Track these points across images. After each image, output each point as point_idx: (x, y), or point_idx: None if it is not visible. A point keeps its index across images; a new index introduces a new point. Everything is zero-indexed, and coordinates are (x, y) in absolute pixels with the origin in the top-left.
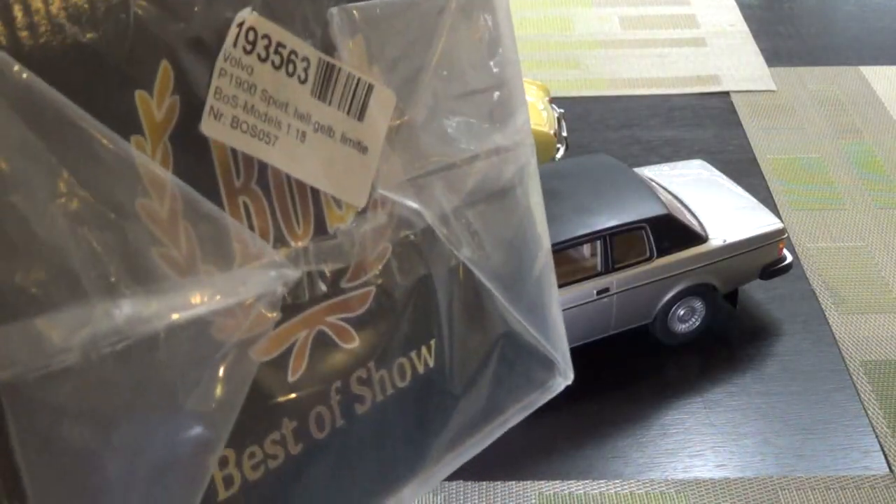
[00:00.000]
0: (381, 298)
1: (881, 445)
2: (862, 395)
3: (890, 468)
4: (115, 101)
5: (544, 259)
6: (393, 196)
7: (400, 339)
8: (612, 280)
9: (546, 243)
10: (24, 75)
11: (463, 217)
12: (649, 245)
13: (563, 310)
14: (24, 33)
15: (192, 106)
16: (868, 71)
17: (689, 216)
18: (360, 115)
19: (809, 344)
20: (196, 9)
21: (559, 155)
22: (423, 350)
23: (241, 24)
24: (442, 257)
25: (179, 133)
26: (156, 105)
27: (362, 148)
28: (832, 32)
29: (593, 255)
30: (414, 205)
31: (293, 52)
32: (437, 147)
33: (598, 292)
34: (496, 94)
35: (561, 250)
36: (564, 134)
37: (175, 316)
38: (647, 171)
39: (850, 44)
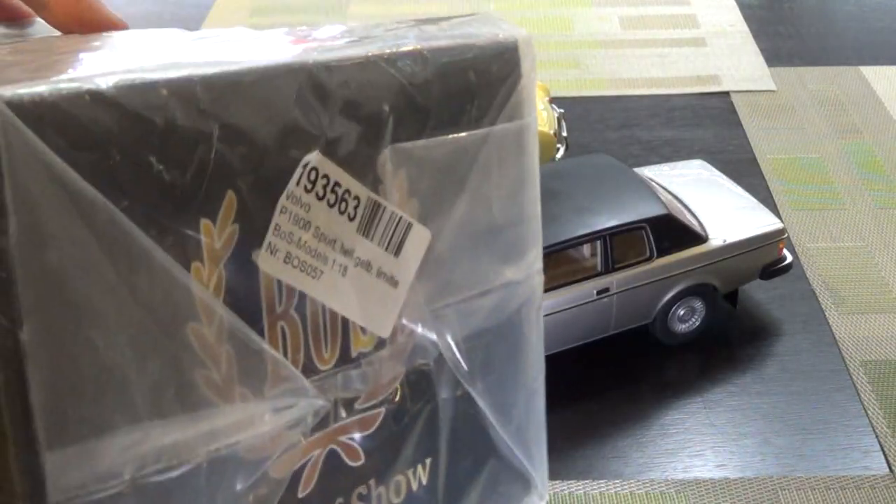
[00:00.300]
0: (390, 420)
1: (881, 445)
2: (862, 395)
3: (890, 468)
4: (182, 228)
5: (538, 384)
6: (413, 326)
7: (401, 458)
8: (612, 280)
9: (541, 369)
10: (110, 211)
11: (471, 347)
12: (649, 245)
13: (563, 310)
14: (111, 166)
15: (247, 235)
16: (868, 71)
17: (689, 216)
18: (397, 252)
19: (809, 344)
20: (269, 148)
21: (559, 155)
22: (419, 468)
23: (305, 165)
24: (448, 384)
25: (233, 260)
26: (217, 233)
27: (394, 282)
28: (832, 32)
29: (593, 255)
30: (431, 335)
31: (347, 190)
32: (456, 280)
33: (598, 292)
34: (516, 230)
35: (561, 250)
36: (564, 134)
37: (216, 443)
38: (647, 171)
39: (850, 44)
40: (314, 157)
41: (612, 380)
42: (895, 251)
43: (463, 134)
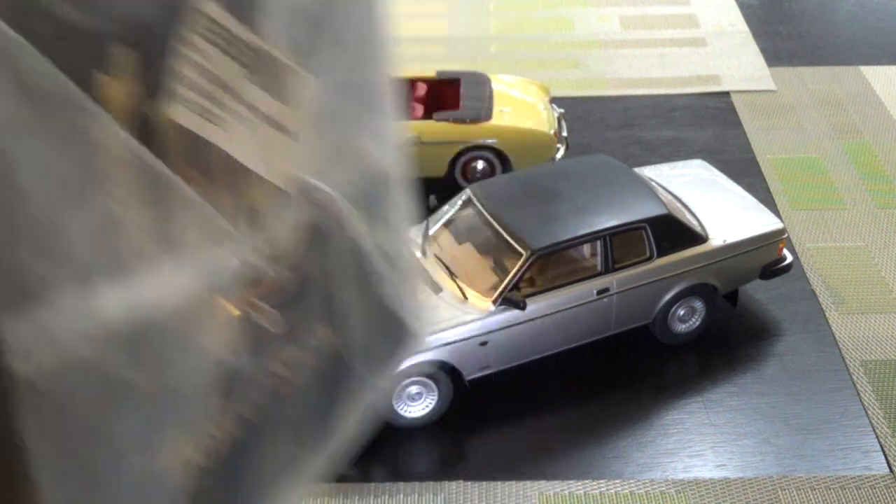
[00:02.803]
0: (299, 281)
1: (881, 445)
2: (862, 395)
3: (890, 468)
4: (85, 76)
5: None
6: (313, 181)
7: (311, 320)
8: (612, 280)
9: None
10: (32, 58)
11: (362, 206)
12: (649, 245)
13: (564, 310)
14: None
15: (152, 87)
16: (868, 71)
17: (689, 216)
18: (287, 100)
19: (809, 344)
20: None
21: (559, 155)
22: (328, 330)
23: (201, 12)
24: (349, 241)
25: (139, 112)
26: (118, 83)
27: (287, 131)
28: (832, 32)
29: (593, 255)
30: (329, 190)
31: (244, 42)
32: (348, 133)
33: (598, 292)
34: (384, 83)
35: (561, 250)
36: (564, 134)
37: (160, 304)
38: (647, 171)
39: (850, 44)
40: (209, 5)
41: (612, 380)
42: (895, 251)
43: None
